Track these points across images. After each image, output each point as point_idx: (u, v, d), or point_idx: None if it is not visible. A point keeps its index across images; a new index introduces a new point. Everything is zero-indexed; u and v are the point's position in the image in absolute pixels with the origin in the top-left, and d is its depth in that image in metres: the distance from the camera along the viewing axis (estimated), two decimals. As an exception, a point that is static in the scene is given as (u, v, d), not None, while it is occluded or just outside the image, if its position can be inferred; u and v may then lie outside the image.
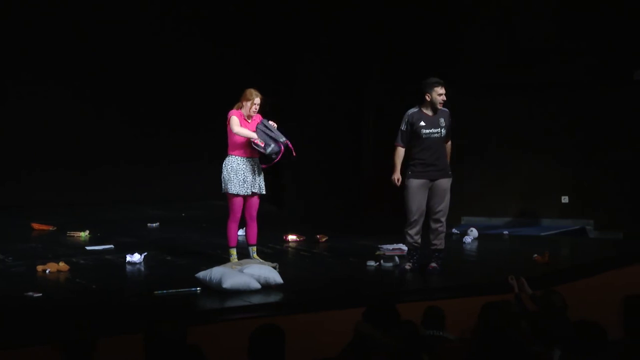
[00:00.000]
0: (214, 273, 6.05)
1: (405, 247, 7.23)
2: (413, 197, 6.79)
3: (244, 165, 6.80)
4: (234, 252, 6.94)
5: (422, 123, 6.79)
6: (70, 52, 10.29)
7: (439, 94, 6.75)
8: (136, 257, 7.13)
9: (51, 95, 10.34)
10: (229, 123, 6.80)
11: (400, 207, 6.98)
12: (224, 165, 6.87)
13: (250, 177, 6.82)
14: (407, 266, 6.95)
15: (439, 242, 6.89)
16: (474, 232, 9.06)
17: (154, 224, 9.67)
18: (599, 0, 9.67)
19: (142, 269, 7.00)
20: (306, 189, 11.50)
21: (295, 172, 11.83)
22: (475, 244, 8.82)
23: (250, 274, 6.11)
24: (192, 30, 10.93)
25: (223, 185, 6.86)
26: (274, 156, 6.71)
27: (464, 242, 8.79)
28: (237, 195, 6.79)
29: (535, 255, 7.49)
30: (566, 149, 10.23)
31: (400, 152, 6.84)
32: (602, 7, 9.62)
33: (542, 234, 9.73)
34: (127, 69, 10.60)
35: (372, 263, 7.20)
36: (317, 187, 11.31)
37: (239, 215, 6.90)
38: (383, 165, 9.85)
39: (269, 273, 6.18)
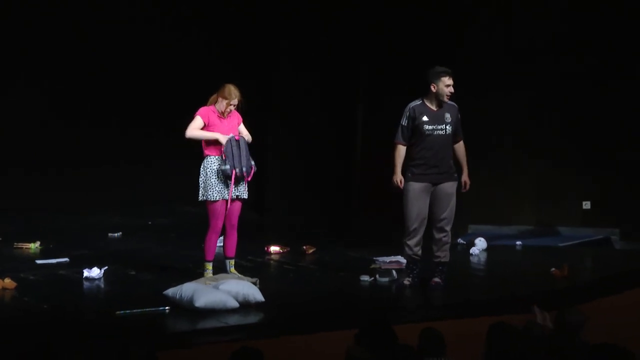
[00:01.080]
0: (185, 290, 6.03)
1: (403, 260, 7.22)
2: (413, 203, 6.77)
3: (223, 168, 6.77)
4: (210, 266, 6.91)
5: (425, 118, 6.76)
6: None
7: (446, 84, 6.73)
8: (95, 272, 7.09)
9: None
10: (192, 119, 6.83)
11: (398, 214, 6.98)
12: (201, 168, 6.84)
13: (229, 180, 6.79)
14: (406, 281, 6.95)
15: (443, 254, 6.88)
16: (482, 243, 9.08)
17: (116, 234, 9.65)
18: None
19: (102, 285, 6.97)
20: (291, 193, 11.50)
21: (279, 175, 11.86)
22: (484, 255, 8.85)
23: (226, 290, 6.09)
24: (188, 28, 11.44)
25: (201, 191, 6.82)
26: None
27: (471, 254, 8.81)
28: (219, 201, 6.75)
29: (553, 269, 7.50)
30: (588, 148, 10.26)
31: (401, 150, 6.80)
32: (603, 4, 9.92)
33: (561, 244, 9.76)
34: (87, 69, 10.85)
35: (366, 278, 7.20)
36: (303, 191, 11.32)
37: (220, 224, 6.86)
38: (378, 166, 9.88)
39: (248, 290, 6.17)
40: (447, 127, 6.76)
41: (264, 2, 11.54)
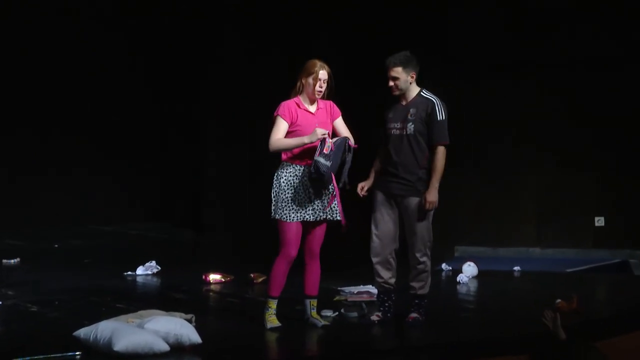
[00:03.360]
0: (102, 330, 6.00)
1: (375, 290, 7.27)
2: (375, 215, 6.90)
3: (306, 178, 6.57)
4: (274, 304, 6.73)
5: (390, 114, 6.89)
6: None
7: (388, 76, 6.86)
8: (-14, 309, 7.05)
9: None
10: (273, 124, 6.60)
11: (369, 233, 7.02)
12: (275, 177, 6.67)
13: (315, 195, 6.60)
14: (374, 317, 6.99)
15: (418, 285, 6.91)
16: (472, 269, 9.14)
17: (12, 260, 9.57)
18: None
19: (-5, 325, 6.92)
20: (235, 208, 11.51)
21: (220, 185, 11.88)
22: (474, 284, 8.91)
23: (154, 330, 6.07)
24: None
25: (273, 207, 6.64)
26: (314, 175, 6.45)
27: (459, 283, 8.88)
28: (294, 223, 6.60)
29: (559, 300, 7.57)
30: (600, 151, 10.39)
31: (379, 153, 6.95)
32: None
33: (568, 270, 9.86)
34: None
35: (329, 313, 7.21)
36: (249, 205, 11.33)
37: (295, 251, 6.65)
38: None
39: (182, 329, 6.15)
40: (409, 125, 6.79)
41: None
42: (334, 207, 6.68)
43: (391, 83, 6.79)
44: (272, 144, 6.60)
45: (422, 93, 6.84)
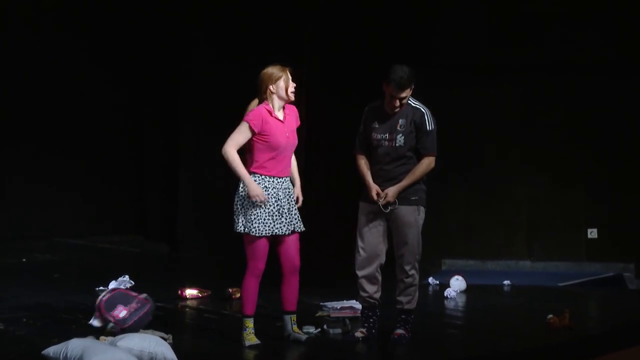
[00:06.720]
0: (72, 348, 6.00)
1: (359, 306, 7.29)
2: (361, 227, 6.89)
3: (275, 190, 6.60)
4: (250, 323, 6.75)
5: (376, 124, 6.88)
6: None
7: (390, 94, 6.77)
8: (-51, 326, 7.03)
9: None
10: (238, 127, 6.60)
11: (352, 245, 7.04)
12: (241, 187, 6.63)
13: (285, 208, 6.63)
14: (359, 333, 7.00)
15: (406, 300, 6.94)
16: (460, 283, 9.18)
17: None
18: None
19: (-41, 344, 6.90)
20: (210, 220, 11.50)
21: (193, 194, 11.86)
22: (462, 299, 8.94)
23: (127, 348, 6.07)
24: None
25: (240, 220, 6.64)
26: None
27: (446, 297, 8.91)
28: (263, 236, 6.60)
29: (550, 315, 7.61)
30: (593, 161, 10.43)
31: (360, 161, 6.92)
32: None
33: (560, 284, 9.90)
34: None
35: (310, 329, 7.23)
36: (226, 217, 11.32)
37: (263, 265, 6.67)
38: (321, 181, 9.94)
39: (157, 347, 6.16)
40: (398, 137, 6.81)
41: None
42: (298, 217, 6.74)
43: (398, 103, 6.73)
44: (228, 151, 6.55)
45: (410, 102, 6.86)
